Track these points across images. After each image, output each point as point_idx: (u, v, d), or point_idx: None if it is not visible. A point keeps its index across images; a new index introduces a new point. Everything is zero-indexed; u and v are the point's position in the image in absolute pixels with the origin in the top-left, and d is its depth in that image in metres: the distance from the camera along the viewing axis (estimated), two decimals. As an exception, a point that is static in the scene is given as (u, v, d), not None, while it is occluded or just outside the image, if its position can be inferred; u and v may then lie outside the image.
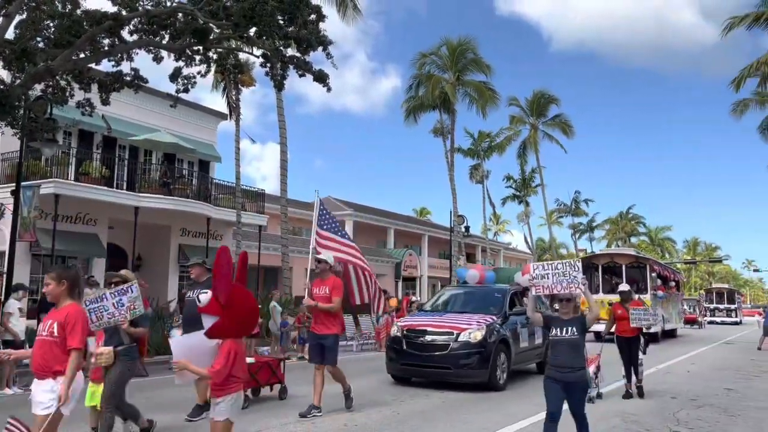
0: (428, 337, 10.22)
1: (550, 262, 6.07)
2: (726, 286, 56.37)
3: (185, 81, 14.30)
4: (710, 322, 44.47)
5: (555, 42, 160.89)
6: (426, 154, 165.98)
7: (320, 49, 13.35)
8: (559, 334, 5.49)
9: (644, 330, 10.03)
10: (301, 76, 13.76)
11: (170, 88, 14.77)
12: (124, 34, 13.60)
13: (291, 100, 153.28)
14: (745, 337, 29.11)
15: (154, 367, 12.18)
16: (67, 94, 13.84)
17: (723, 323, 45.28)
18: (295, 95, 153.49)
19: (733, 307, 48.27)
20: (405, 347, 10.37)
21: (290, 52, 14.11)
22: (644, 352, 10.07)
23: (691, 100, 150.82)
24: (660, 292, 23.50)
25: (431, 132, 36.54)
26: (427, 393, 9.76)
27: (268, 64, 13.83)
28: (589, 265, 23.72)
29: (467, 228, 36.92)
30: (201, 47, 13.76)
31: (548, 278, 5.84)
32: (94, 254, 19.41)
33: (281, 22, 12.88)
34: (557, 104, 42.76)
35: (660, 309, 22.55)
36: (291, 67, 13.76)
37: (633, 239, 67.46)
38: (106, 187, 18.89)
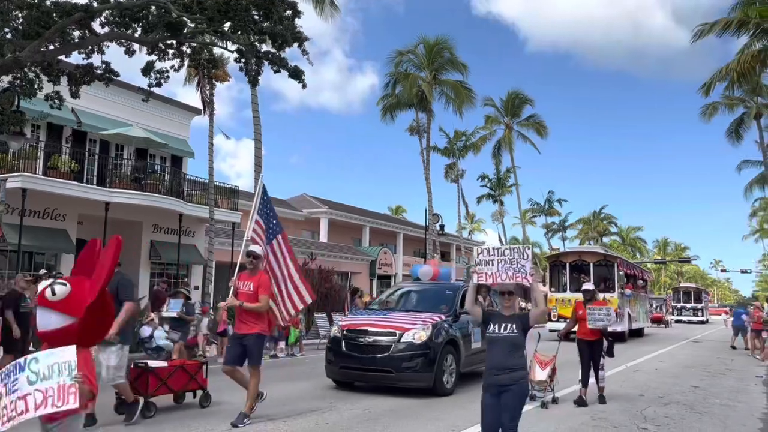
0: (369, 338, 9.45)
1: (497, 246, 5.33)
2: (693, 285, 56.80)
3: (158, 75, 14.11)
4: (677, 321, 45.12)
5: (531, 43, 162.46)
6: (402, 152, 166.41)
7: (296, 45, 13.29)
8: (496, 331, 4.88)
9: (608, 330, 9.18)
10: (276, 72, 13.68)
11: (142, 82, 14.58)
12: (95, 26, 13.37)
13: (267, 96, 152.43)
14: (712, 336, 29.75)
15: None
16: (36, 86, 13.56)
17: (690, 322, 45.72)
18: (272, 92, 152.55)
19: (699, 306, 48.69)
20: (344, 349, 9.59)
21: (265, 47, 14.03)
22: (611, 355, 9.35)
23: (663, 102, 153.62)
24: (627, 291, 23.40)
25: (407, 130, 36.61)
26: (366, 399, 8.94)
27: (243, 60, 13.71)
28: (557, 263, 23.83)
29: (442, 227, 37.07)
30: (174, 41, 13.59)
31: (493, 265, 5.12)
32: (62, 250, 19.04)
33: (256, 17, 12.79)
34: (532, 104, 43.19)
35: (627, 308, 22.82)
36: (266, 62, 13.66)
37: (605, 239, 68.38)
38: (75, 182, 18.53)
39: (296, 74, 13.46)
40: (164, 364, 7.98)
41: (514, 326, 4.85)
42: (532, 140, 43.23)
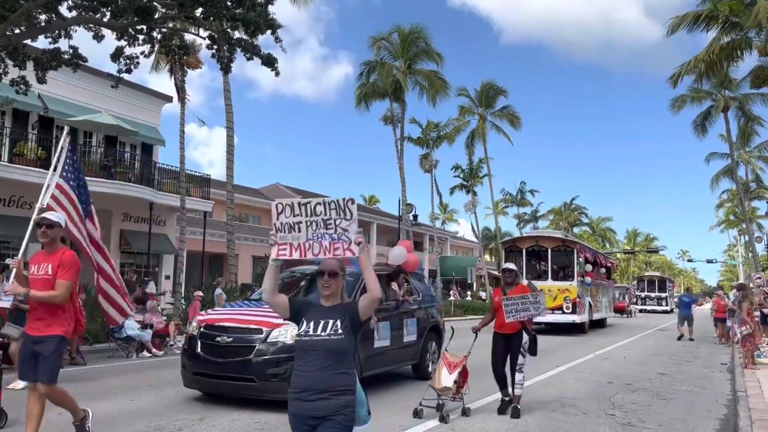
0: (229, 337, 7.34)
1: (304, 201, 3.47)
2: (657, 274, 56.10)
3: (128, 61, 13.88)
4: (641, 311, 45.27)
5: (505, 34, 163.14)
6: (376, 142, 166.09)
7: (269, 32, 13.15)
8: (310, 332, 3.23)
9: (531, 322, 7.53)
10: (248, 59, 13.54)
11: (112, 68, 14.31)
12: (63, 9, 13.08)
13: (241, 84, 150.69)
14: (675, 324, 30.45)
15: (92, 356, 11.85)
16: (1, 71, 13.22)
17: (654, 312, 45.42)
18: (246, 80, 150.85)
19: (664, 295, 48.26)
20: (199, 350, 7.51)
21: (238, 34, 13.85)
22: (533, 353, 7.44)
23: (635, 94, 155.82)
24: (588, 279, 21.96)
25: (381, 120, 36.51)
26: (228, 416, 6.86)
27: (215, 47, 13.53)
28: (513, 248, 22.14)
29: (415, 216, 37.14)
30: (144, 26, 13.34)
31: (300, 230, 3.40)
32: (29, 239, 18.64)
33: (229, 3, 12.61)
34: (505, 96, 43.29)
35: (588, 297, 21.81)
36: (238, 49, 13.51)
37: (576, 229, 69.23)
38: (42, 169, 18.12)
39: (269, 62, 13.34)
40: None
41: (338, 323, 3.23)
42: (505, 131, 43.43)
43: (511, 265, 7.82)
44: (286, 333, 7.08)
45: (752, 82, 22.06)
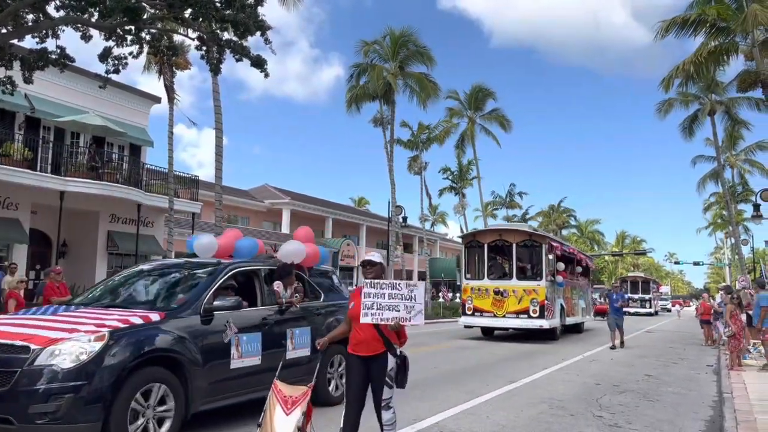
0: None
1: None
2: (641, 274, 54.25)
3: (116, 61, 13.79)
4: (624, 313, 44.39)
5: (495, 37, 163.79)
6: (366, 144, 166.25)
7: (258, 34, 13.13)
8: None
9: (403, 335, 4.93)
10: (238, 60, 13.50)
11: (100, 69, 14.22)
12: (50, 9, 12.98)
13: (232, 85, 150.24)
14: (664, 327, 30.68)
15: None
16: (-13, 70, 13.11)
17: (637, 314, 43.67)
18: (236, 81, 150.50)
19: (647, 297, 46.72)
20: None
21: (227, 36, 13.82)
22: (400, 384, 4.86)
23: (623, 97, 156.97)
24: (560, 278, 19.46)
25: (371, 122, 36.54)
26: None
27: (204, 48, 13.49)
28: (473, 243, 19.49)
29: (405, 218, 37.21)
30: (133, 27, 13.27)
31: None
32: (15, 240, 18.49)
33: (218, 4, 12.58)
34: (494, 98, 43.46)
35: (560, 299, 19.53)
36: (228, 51, 13.47)
37: (564, 231, 69.54)
38: (28, 170, 18.01)
39: (258, 63, 13.31)
40: None
41: None
42: (495, 133, 43.58)
43: (376, 256, 5.18)
44: (67, 353, 4.95)
45: (738, 86, 22.29)
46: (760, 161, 42.04)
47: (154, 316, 5.74)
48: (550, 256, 18.88)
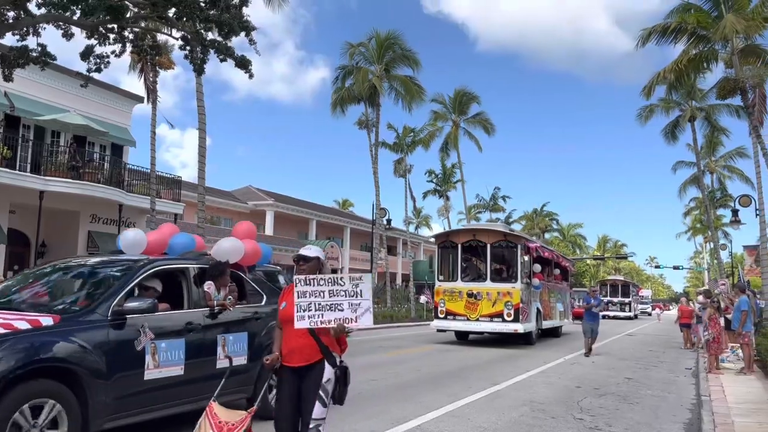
0: None
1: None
2: (620, 278, 54.19)
3: (98, 60, 13.68)
4: (603, 317, 44.74)
5: (481, 42, 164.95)
6: (351, 146, 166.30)
7: (243, 34, 13.08)
8: None
9: (343, 343, 4.25)
10: (222, 60, 13.44)
11: (82, 67, 14.09)
12: (31, 6, 12.82)
13: (216, 86, 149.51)
14: (644, 330, 31.01)
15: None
16: (-35, 67, 12.91)
17: (616, 318, 43.85)
18: (220, 81, 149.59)
19: (627, 300, 46.77)
20: None
21: (211, 36, 13.75)
22: (338, 400, 4.13)
23: (605, 103, 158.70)
24: (536, 281, 18.94)
25: (356, 124, 36.54)
26: None
27: (188, 47, 13.41)
28: (447, 244, 18.92)
29: (389, 221, 37.22)
30: (115, 25, 13.16)
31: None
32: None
33: (202, 4, 12.52)
34: (478, 102, 43.70)
35: (536, 302, 19.00)
36: (212, 51, 13.40)
37: (547, 235, 70.00)
38: (7, 169, 17.75)
39: (243, 64, 13.27)
40: None
41: None
42: (478, 137, 43.82)
43: (312, 250, 4.47)
44: None
45: (718, 93, 22.60)
46: (739, 167, 42.75)
47: (46, 321, 4.95)
48: (526, 258, 18.29)
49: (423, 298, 33.98)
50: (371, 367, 11.73)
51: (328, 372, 4.06)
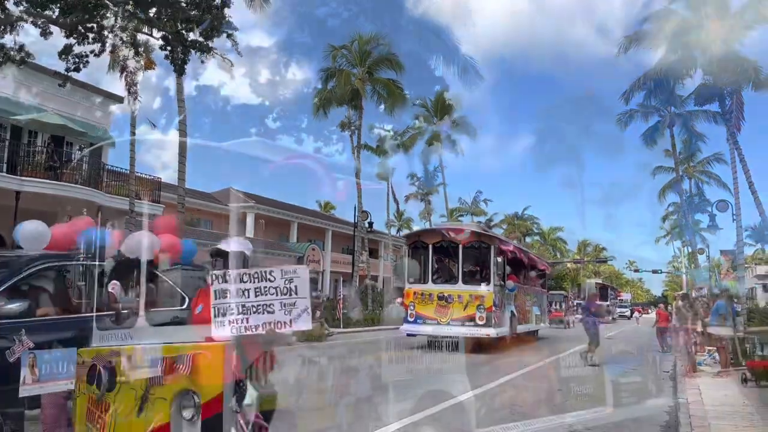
0: None
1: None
2: (599, 281, 53.76)
3: (76, 59, 13.49)
4: (581, 320, 44.61)
5: (465, 46, 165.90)
6: (333, 148, 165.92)
7: (224, 35, 13.01)
8: None
9: (272, 357, 3.69)
10: (203, 61, 13.36)
11: (60, 66, 13.89)
12: (9, 4, 12.61)
13: (197, 87, 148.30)
14: (624, 333, 31.38)
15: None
16: (-60, 65, 12.67)
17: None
18: (201, 83, 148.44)
19: (605, 304, 46.08)
20: None
21: (192, 36, 13.65)
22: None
23: (587, 107, 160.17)
24: (510, 283, 18.33)
25: (338, 126, 36.49)
26: None
27: (169, 48, 13.30)
28: (418, 244, 18.02)
29: (371, 224, 37.18)
30: (95, 24, 13.00)
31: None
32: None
33: (184, 5, 12.43)
34: (460, 106, 43.93)
35: (510, 306, 18.31)
36: (193, 51, 13.31)
37: (528, 239, 70.44)
38: (-17, 169, 17.46)
39: (223, 64, 13.18)
40: None
41: None
42: (461, 141, 44.09)
43: (234, 244, 4.03)
44: None
45: (696, 100, 22.95)
46: (716, 173, 43.34)
47: None
48: (500, 259, 17.29)
49: (398, 300, 34.00)
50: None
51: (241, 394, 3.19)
